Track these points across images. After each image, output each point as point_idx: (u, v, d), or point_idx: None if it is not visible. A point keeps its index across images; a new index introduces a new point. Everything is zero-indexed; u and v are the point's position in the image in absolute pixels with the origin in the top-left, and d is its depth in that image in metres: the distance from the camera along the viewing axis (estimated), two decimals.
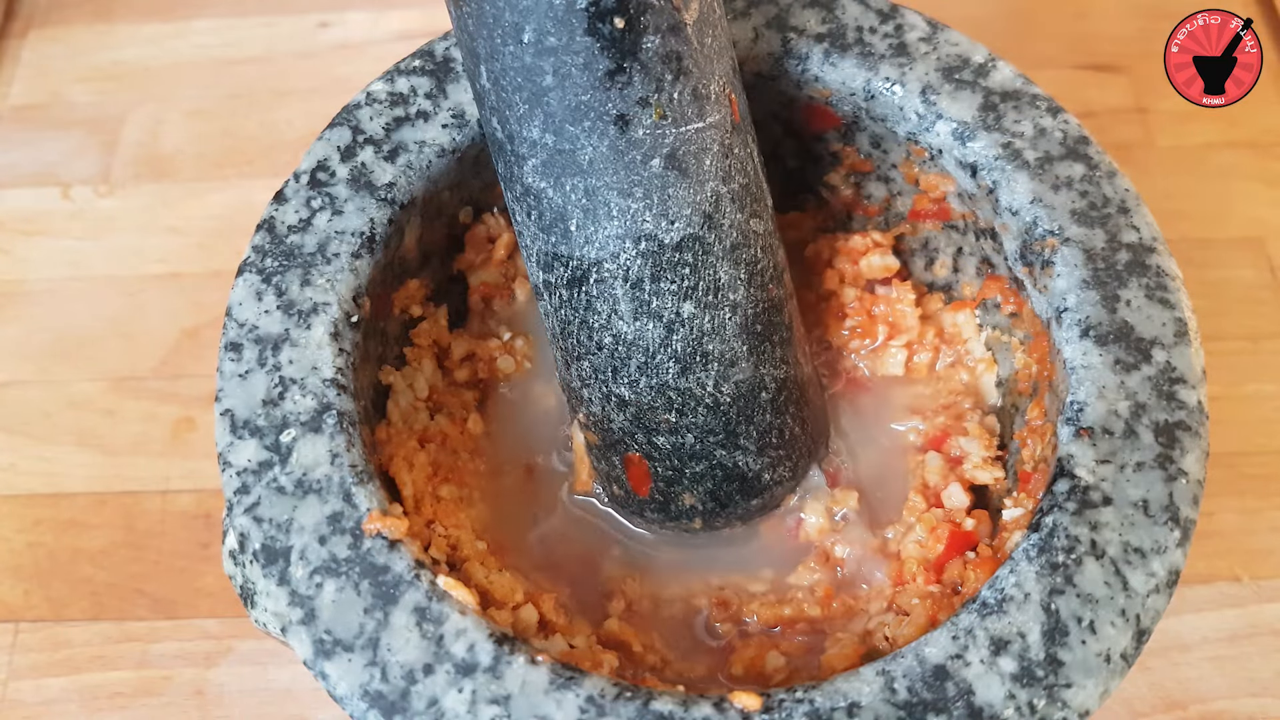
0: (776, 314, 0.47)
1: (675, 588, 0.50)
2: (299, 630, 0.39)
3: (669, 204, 0.43)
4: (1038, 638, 0.38)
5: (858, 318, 0.54)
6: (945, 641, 0.38)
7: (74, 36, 0.81)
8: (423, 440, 0.49)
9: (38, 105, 0.78)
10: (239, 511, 0.41)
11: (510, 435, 0.53)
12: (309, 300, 0.45)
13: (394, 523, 0.40)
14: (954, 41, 0.51)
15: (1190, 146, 0.73)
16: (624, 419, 0.47)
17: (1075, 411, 0.42)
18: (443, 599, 0.39)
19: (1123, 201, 0.47)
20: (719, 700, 0.37)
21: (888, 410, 0.53)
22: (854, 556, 0.49)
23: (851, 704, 0.37)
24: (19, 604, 0.60)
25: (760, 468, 0.49)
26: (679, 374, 0.46)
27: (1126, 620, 0.38)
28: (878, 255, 0.54)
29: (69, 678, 0.58)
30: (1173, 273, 0.45)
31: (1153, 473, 0.41)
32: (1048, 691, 0.37)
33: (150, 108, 0.78)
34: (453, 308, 0.54)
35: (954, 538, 0.47)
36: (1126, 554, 0.39)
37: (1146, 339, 0.44)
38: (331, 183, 0.48)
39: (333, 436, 0.42)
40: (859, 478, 0.52)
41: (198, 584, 0.60)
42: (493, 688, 0.37)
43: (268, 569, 0.40)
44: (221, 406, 0.43)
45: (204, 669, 0.58)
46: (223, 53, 0.80)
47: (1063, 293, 0.45)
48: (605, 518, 0.52)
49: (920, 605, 0.45)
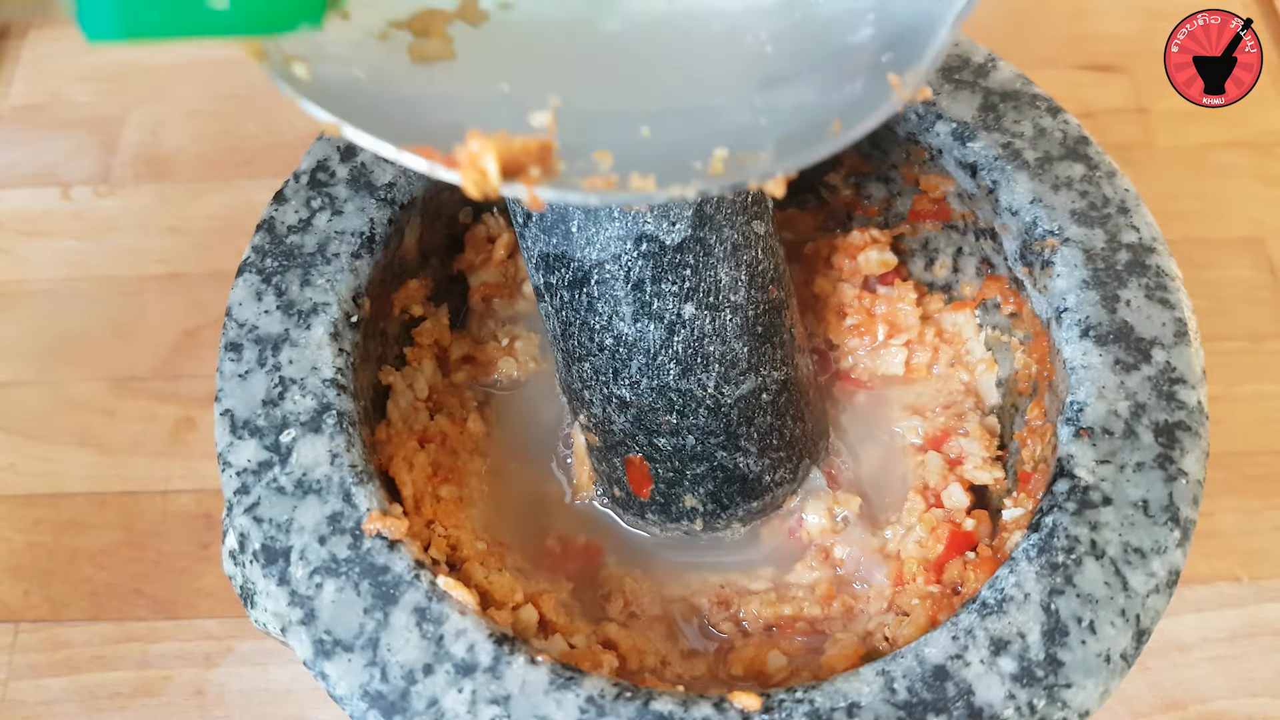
0: (777, 315, 0.47)
1: (675, 587, 0.50)
2: (299, 630, 0.39)
3: (670, 205, 0.43)
4: (1038, 638, 0.38)
5: (857, 317, 0.54)
6: (945, 642, 0.38)
7: (74, 36, 0.80)
8: (423, 440, 0.49)
9: (38, 105, 0.78)
10: (239, 511, 0.41)
11: (510, 436, 0.53)
12: (309, 300, 0.45)
13: (394, 523, 0.40)
14: (954, 42, 0.51)
15: (1190, 146, 0.73)
16: (625, 420, 0.47)
17: (1075, 411, 0.42)
18: (442, 599, 0.39)
19: (1122, 201, 0.47)
20: (719, 700, 0.37)
21: (888, 410, 0.53)
22: (854, 557, 0.49)
23: (851, 704, 0.37)
24: (19, 604, 0.60)
25: (761, 469, 0.49)
26: (680, 375, 0.46)
27: (1126, 620, 0.38)
28: (875, 250, 0.54)
29: (69, 678, 0.58)
30: (1172, 273, 0.45)
31: (1152, 473, 0.41)
32: (1048, 692, 0.37)
33: (150, 108, 0.77)
34: (453, 308, 0.54)
35: (954, 538, 0.47)
36: (1126, 554, 0.39)
37: (1146, 339, 0.44)
38: (331, 183, 0.48)
39: (332, 437, 0.42)
40: (859, 478, 0.52)
41: (198, 584, 0.60)
42: (492, 688, 0.37)
43: (267, 569, 0.40)
44: (221, 407, 0.43)
45: (204, 669, 0.58)
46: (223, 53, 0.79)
47: (1062, 293, 0.45)
48: (606, 519, 0.52)
49: (920, 605, 0.45)
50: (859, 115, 0.32)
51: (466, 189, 0.30)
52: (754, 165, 0.31)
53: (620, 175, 0.31)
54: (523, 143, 0.30)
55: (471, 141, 0.30)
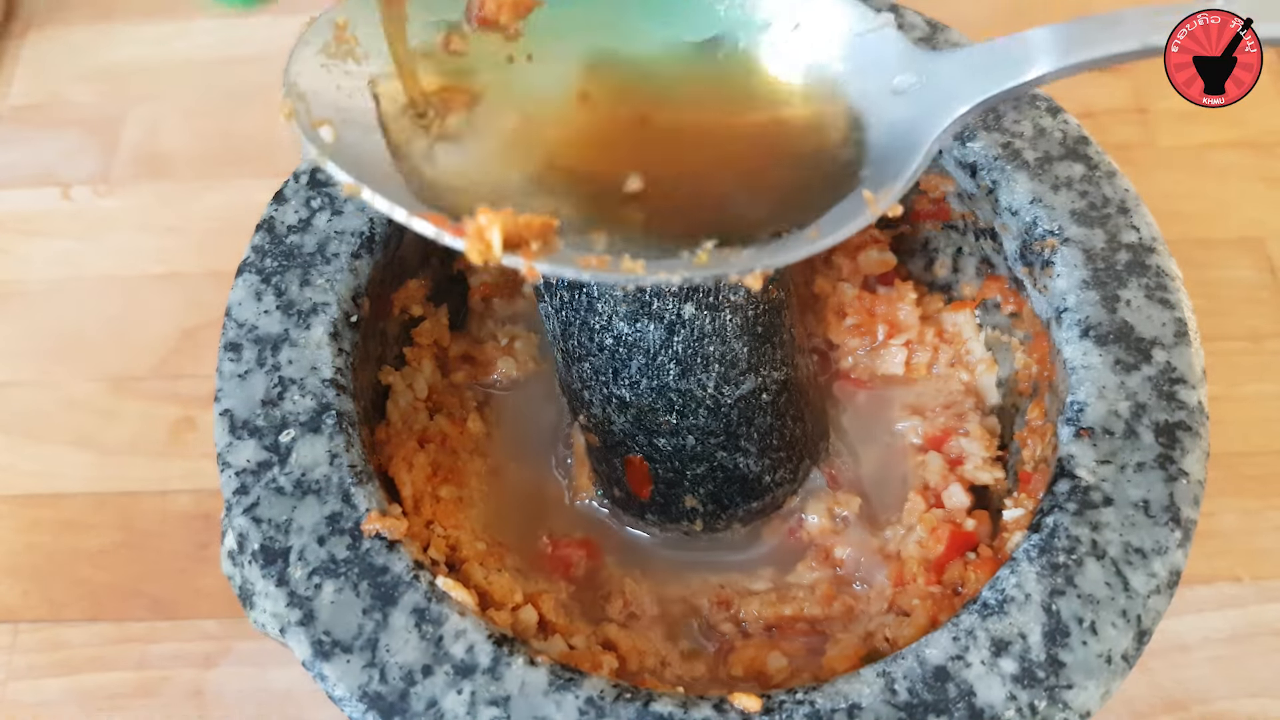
0: (776, 315, 0.47)
1: (675, 588, 0.50)
2: (297, 631, 0.39)
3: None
4: (1039, 639, 0.38)
5: (857, 317, 0.54)
6: (946, 642, 0.38)
7: (74, 36, 0.81)
8: (422, 441, 0.49)
9: (37, 105, 0.78)
10: (238, 512, 0.41)
11: (510, 436, 0.53)
12: (308, 300, 0.45)
13: (393, 523, 0.40)
14: (954, 41, 0.51)
15: (1190, 146, 0.73)
16: (625, 421, 0.47)
17: (1076, 412, 0.42)
18: (442, 600, 0.39)
19: (1122, 201, 0.47)
20: (719, 701, 0.37)
21: (888, 410, 0.53)
22: (854, 557, 0.49)
23: (852, 705, 0.37)
24: (17, 604, 0.60)
25: (761, 469, 0.49)
26: (680, 375, 0.45)
27: (1127, 621, 0.38)
28: (875, 250, 0.54)
29: (67, 678, 0.58)
30: (1173, 273, 0.45)
31: (1153, 473, 0.41)
32: (1049, 693, 0.37)
33: (150, 107, 0.77)
34: (452, 308, 0.54)
35: (954, 538, 0.47)
36: (1127, 554, 0.39)
37: (1146, 339, 0.44)
38: (331, 182, 0.48)
39: (332, 437, 0.42)
40: (859, 478, 0.52)
41: (196, 585, 0.60)
42: (492, 689, 0.37)
43: (266, 570, 0.40)
44: (220, 407, 0.43)
45: (203, 670, 0.58)
46: (222, 52, 0.80)
47: (1063, 293, 0.45)
48: (605, 519, 0.52)
49: (921, 606, 0.45)
50: (834, 226, 0.35)
51: (470, 256, 0.33)
52: (736, 261, 0.34)
53: (613, 256, 0.34)
54: (526, 220, 0.33)
55: (480, 215, 0.33)
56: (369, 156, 0.35)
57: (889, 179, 0.35)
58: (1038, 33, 0.35)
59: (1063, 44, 0.34)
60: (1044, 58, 0.34)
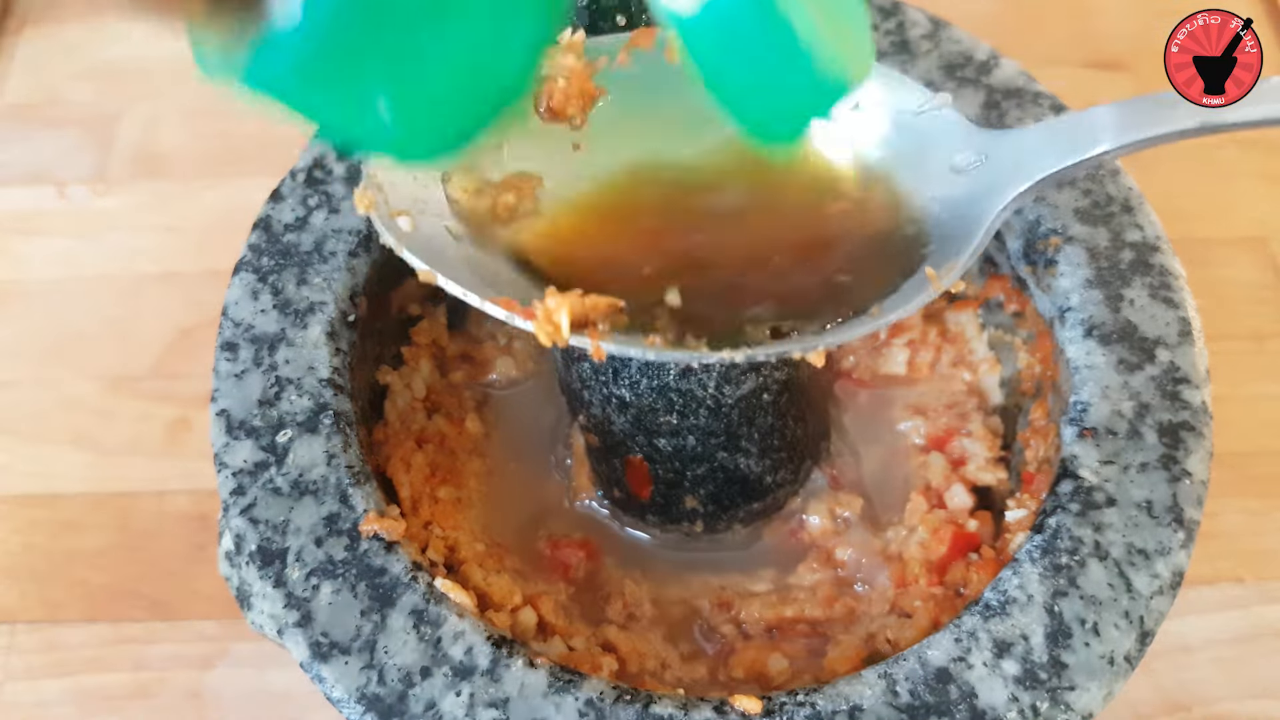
0: None
1: (676, 589, 0.49)
2: (295, 633, 0.38)
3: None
4: (1041, 640, 0.38)
5: None
6: (948, 644, 0.38)
7: (70, 34, 0.81)
8: (420, 441, 0.49)
9: (33, 103, 0.78)
10: (235, 513, 0.41)
11: (509, 436, 0.53)
12: (305, 299, 0.45)
13: (391, 524, 0.40)
14: (956, 39, 0.50)
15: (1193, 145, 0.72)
16: (625, 421, 0.47)
17: (1079, 412, 0.42)
18: (440, 601, 0.39)
19: (1126, 200, 0.46)
20: (720, 703, 0.37)
21: (890, 411, 0.53)
22: (856, 558, 0.49)
23: (853, 707, 0.37)
24: (14, 605, 0.59)
25: (762, 470, 0.49)
26: (680, 375, 0.45)
27: (1130, 622, 0.38)
28: None
29: (64, 680, 0.57)
30: (1176, 272, 0.45)
31: (1156, 473, 0.41)
32: (1051, 694, 0.37)
33: (146, 106, 0.77)
34: (450, 307, 0.54)
35: (957, 539, 0.47)
36: (1130, 555, 0.39)
37: (1150, 339, 0.43)
38: (328, 180, 0.48)
39: (329, 437, 0.42)
40: (861, 479, 0.52)
41: (194, 586, 0.59)
42: (491, 691, 0.37)
43: (264, 571, 0.40)
44: (217, 407, 0.43)
45: (200, 671, 0.57)
46: None
47: (1066, 292, 0.45)
48: (605, 520, 0.52)
49: (923, 607, 0.45)
50: (897, 304, 0.36)
51: (539, 338, 0.34)
52: (799, 340, 0.35)
53: (677, 334, 0.35)
54: (593, 301, 0.34)
55: (549, 299, 0.34)
56: (443, 244, 0.37)
57: (951, 255, 0.36)
58: (1098, 112, 0.36)
59: (1123, 123, 0.35)
60: (1105, 136, 0.35)
